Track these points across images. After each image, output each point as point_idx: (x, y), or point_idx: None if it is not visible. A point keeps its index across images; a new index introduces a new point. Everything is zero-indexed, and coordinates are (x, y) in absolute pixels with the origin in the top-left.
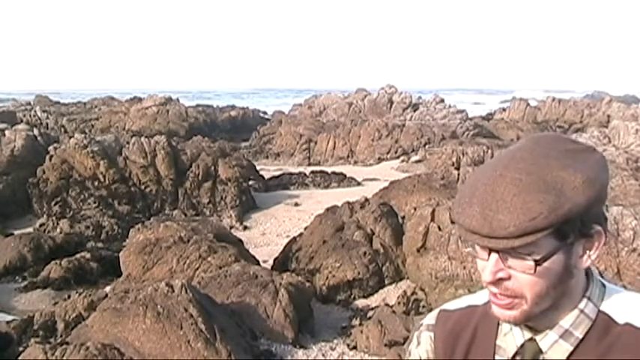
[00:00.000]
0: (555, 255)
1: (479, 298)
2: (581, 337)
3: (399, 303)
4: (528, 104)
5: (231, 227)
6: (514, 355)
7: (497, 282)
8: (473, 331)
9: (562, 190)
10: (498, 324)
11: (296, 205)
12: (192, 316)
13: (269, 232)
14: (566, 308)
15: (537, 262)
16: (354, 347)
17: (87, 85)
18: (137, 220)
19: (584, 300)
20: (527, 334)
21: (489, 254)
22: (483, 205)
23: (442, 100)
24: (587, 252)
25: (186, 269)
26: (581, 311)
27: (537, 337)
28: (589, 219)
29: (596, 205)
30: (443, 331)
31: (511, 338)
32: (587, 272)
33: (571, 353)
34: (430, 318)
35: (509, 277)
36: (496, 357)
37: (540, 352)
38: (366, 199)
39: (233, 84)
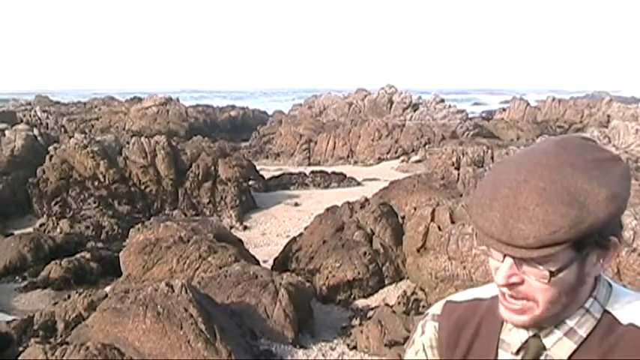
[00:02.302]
0: (570, 266)
1: (486, 291)
2: (584, 335)
3: (399, 303)
4: (528, 104)
5: (231, 227)
6: (518, 350)
7: (509, 285)
8: (477, 324)
9: (585, 203)
10: None
11: (296, 205)
12: (192, 316)
13: (269, 232)
14: (573, 307)
15: (552, 274)
16: (354, 347)
17: (87, 85)
18: (137, 220)
19: (591, 299)
20: (532, 330)
21: (504, 257)
22: (504, 211)
23: (442, 100)
24: (600, 261)
25: (186, 269)
26: (587, 310)
27: (541, 334)
28: (607, 232)
29: (617, 219)
30: (448, 322)
31: (516, 333)
32: None
33: (574, 351)
34: (436, 308)
35: (522, 282)
36: (500, 351)
37: (544, 348)
38: (366, 199)
39: (233, 84)
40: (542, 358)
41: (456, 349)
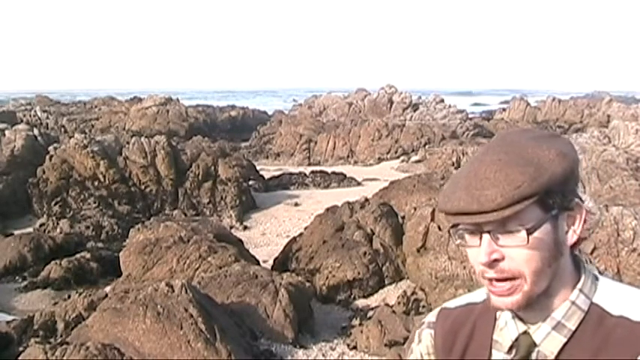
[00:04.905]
0: (543, 226)
1: (478, 296)
2: (573, 328)
3: (399, 303)
4: (528, 104)
5: (231, 227)
6: (510, 349)
7: (492, 264)
8: (471, 327)
9: (539, 162)
10: (495, 319)
11: (296, 205)
12: (192, 316)
13: (269, 232)
14: (558, 298)
15: (529, 231)
16: (354, 347)
17: (87, 85)
18: (137, 220)
19: (576, 291)
20: (522, 328)
21: (481, 238)
22: (468, 187)
23: (442, 100)
24: (572, 227)
25: (186, 269)
26: (573, 303)
27: (530, 330)
28: (568, 192)
29: (573, 180)
30: (443, 328)
31: (506, 333)
32: (579, 264)
33: (564, 345)
34: (431, 316)
35: (503, 258)
36: (493, 351)
37: (534, 344)
38: (366, 199)
39: (233, 84)
40: (534, 355)
41: (452, 353)
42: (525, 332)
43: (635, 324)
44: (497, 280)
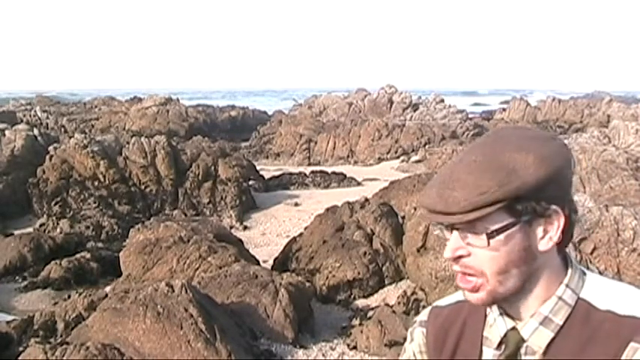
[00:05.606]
0: (510, 230)
1: None
2: (561, 323)
3: (399, 303)
4: (528, 104)
5: (231, 227)
6: (499, 345)
7: (457, 259)
8: (462, 324)
9: (514, 168)
10: (485, 316)
11: (296, 205)
12: (192, 316)
13: (269, 232)
14: (544, 295)
15: (489, 235)
16: (354, 347)
17: (87, 85)
18: (137, 220)
19: (562, 287)
20: (510, 324)
21: (452, 233)
22: (441, 185)
23: (442, 100)
24: (548, 234)
25: (186, 269)
26: (559, 298)
27: (519, 326)
28: (545, 198)
29: (553, 186)
30: (434, 326)
31: (495, 329)
32: (566, 260)
33: (552, 340)
34: (423, 315)
35: (468, 254)
36: (484, 348)
37: (522, 340)
38: (366, 199)
39: (233, 84)
40: (523, 350)
41: (443, 351)
42: (514, 328)
43: (622, 318)
44: (463, 274)
